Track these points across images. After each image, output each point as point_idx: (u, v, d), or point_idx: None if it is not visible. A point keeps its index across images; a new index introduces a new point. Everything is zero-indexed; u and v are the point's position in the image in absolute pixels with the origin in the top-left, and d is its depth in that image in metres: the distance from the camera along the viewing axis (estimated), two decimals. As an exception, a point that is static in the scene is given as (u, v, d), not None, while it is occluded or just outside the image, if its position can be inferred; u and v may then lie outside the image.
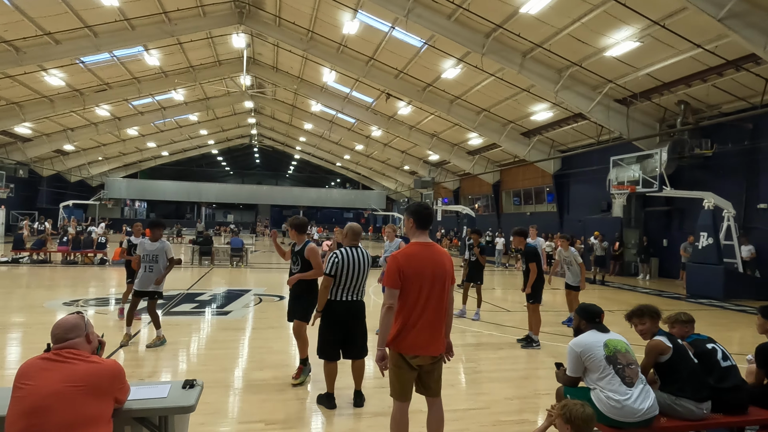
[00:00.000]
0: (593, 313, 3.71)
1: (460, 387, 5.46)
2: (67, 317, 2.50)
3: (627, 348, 3.47)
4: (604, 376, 3.34)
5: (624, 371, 3.32)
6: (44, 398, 2.16)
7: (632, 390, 3.26)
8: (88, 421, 2.20)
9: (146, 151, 41.82)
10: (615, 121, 17.12)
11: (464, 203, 34.45)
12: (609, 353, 3.39)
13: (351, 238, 4.85)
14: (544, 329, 8.43)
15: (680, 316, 4.03)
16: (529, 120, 21.71)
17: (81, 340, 2.43)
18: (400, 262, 3.27)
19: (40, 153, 31.61)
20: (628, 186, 16.86)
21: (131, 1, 16.86)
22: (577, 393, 3.50)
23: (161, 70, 23.69)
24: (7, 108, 23.44)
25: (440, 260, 3.38)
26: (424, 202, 3.74)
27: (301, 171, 57.84)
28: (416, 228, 3.43)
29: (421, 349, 3.26)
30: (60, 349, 2.36)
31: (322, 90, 26.45)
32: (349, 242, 4.83)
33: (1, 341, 6.90)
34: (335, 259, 4.62)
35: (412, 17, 15.15)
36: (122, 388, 2.46)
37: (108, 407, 2.34)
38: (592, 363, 3.41)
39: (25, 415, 2.15)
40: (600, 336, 3.52)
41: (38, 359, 2.34)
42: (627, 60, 14.71)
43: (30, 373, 2.26)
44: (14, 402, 2.21)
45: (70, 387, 2.21)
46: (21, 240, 18.70)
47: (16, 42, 17.42)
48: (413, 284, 3.25)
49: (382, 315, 3.27)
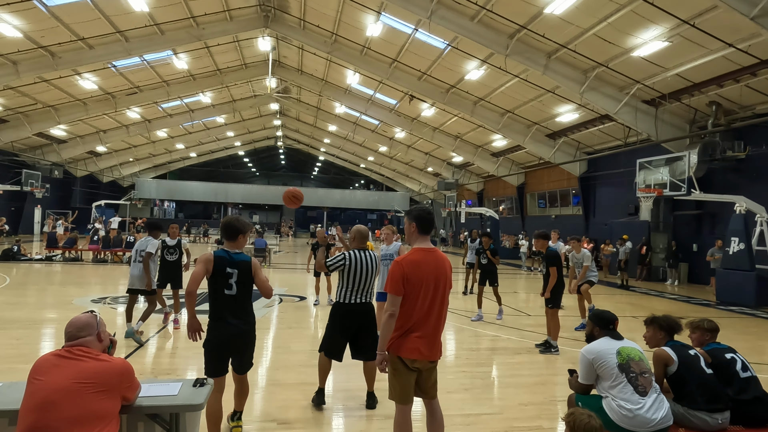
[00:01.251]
0: (607, 319, 3.65)
1: (474, 391, 5.43)
2: (80, 316, 2.59)
3: (641, 356, 3.40)
4: (616, 384, 3.28)
5: (637, 380, 3.26)
6: (52, 393, 2.25)
7: (645, 399, 3.19)
8: (94, 418, 2.28)
9: (175, 153, 42.82)
10: (643, 123, 16.74)
11: (488, 205, 34.16)
12: (622, 361, 3.33)
13: (358, 241, 4.88)
14: (564, 334, 8.31)
15: (703, 323, 3.93)
16: (554, 122, 21.41)
17: (92, 339, 2.52)
18: (405, 269, 3.27)
19: (74, 154, 32.71)
20: (655, 189, 16.45)
21: (161, 7, 17.30)
22: (588, 401, 3.45)
23: (189, 74, 24.23)
24: (44, 111, 24.32)
25: (442, 266, 3.40)
26: (426, 207, 3.74)
27: (325, 172, 58.26)
28: (419, 233, 3.43)
29: (421, 354, 3.27)
30: (71, 347, 2.46)
31: (346, 92, 26.62)
32: (356, 245, 4.86)
33: (33, 336, 7.18)
34: (341, 261, 4.68)
35: (435, 19, 15.13)
36: (130, 387, 2.53)
37: (115, 405, 2.42)
38: (604, 370, 3.35)
39: (34, 409, 2.24)
40: (613, 343, 3.46)
41: (51, 355, 2.44)
42: (655, 60, 14.37)
43: (42, 368, 2.36)
44: (27, 396, 2.31)
45: (78, 384, 2.30)
46: (54, 238, 19.36)
47: (52, 47, 18.06)
48: (416, 291, 3.26)
49: (384, 321, 3.29)
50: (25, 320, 7.89)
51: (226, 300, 3.72)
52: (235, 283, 3.72)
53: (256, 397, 4.99)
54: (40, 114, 24.56)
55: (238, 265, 3.77)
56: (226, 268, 3.71)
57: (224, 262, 3.74)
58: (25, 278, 13.31)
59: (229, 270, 3.71)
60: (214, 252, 3.79)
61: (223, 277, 3.71)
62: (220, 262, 3.73)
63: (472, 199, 36.98)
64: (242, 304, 3.79)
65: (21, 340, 6.86)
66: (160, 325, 8.01)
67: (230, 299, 3.72)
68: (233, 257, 3.79)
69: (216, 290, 3.73)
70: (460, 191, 36.13)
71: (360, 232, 4.90)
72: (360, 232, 4.91)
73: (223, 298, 3.71)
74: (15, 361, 5.83)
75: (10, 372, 5.47)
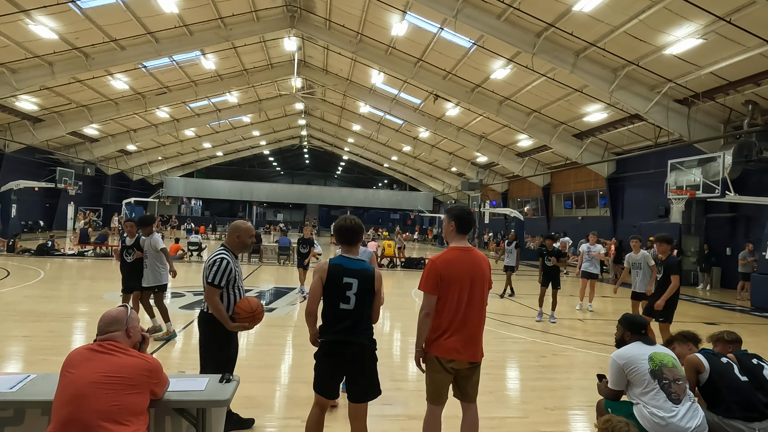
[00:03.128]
0: (639, 324, 3.56)
1: (498, 394, 5.36)
2: (111, 311, 2.64)
3: (674, 363, 3.30)
4: (648, 390, 3.19)
5: (670, 387, 3.16)
6: (84, 386, 2.30)
7: (679, 407, 3.09)
8: (125, 412, 2.32)
9: (202, 152, 43.60)
10: (674, 123, 16.28)
11: (513, 206, 33.76)
12: (654, 367, 3.23)
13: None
14: (593, 338, 8.16)
15: (723, 335, 3.86)
16: (582, 121, 21.01)
17: (120, 334, 2.57)
18: (438, 267, 3.24)
19: (106, 153, 33.59)
20: (687, 191, 15.99)
21: (190, 8, 17.61)
22: (619, 407, 3.36)
23: (217, 74, 24.61)
24: (77, 110, 25.05)
25: (479, 265, 3.34)
26: (466, 206, 3.68)
27: (349, 172, 58.49)
28: (456, 232, 3.40)
29: (458, 354, 3.23)
30: (102, 341, 2.51)
31: (370, 91, 26.66)
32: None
33: (65, 329, 7.39)
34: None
35: (461, 18, 15.01)
36: (158, 383, 2.57)
37: (144, 400, 2.46)
38: (635, 376, 3.26)
39: (67, 402, 2.29)
40: (645, 348, 3.37)
41: (83, 349, 2.49)
42: (688, 58, 13.96)
43: (75, 361, 2.42)
44: (60, 389, 2.37)
45: (107, 377, 2.34)
46: (86, 234, 19.92)
47: (86, 48, 18.57)
48: (452, 290, 3.22)
49: (420, 321, 3.26)
50: (58, 313, 8.12)
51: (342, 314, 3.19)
52: (354, 295, 3.19)
53: (279, 393, 5.02)
54: (74, 113, 25.29)
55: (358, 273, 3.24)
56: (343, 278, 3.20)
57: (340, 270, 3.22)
58: (58, 273, 13.73)
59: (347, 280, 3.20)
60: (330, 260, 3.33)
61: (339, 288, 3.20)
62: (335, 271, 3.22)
63: (496, 199, 36.62)
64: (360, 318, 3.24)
65: (54, 332, 7.07)
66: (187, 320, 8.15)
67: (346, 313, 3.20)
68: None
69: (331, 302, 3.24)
70: (484, 191, 35.81)
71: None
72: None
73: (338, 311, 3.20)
74: (49, 353, 6.01)
75: (44, 363, 5.64)
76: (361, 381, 3.23)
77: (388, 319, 9.51)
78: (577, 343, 7.82)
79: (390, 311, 10.21)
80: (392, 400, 4.95)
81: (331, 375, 3.24)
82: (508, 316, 9.89)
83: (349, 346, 3.16)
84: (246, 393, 4.66)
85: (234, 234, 3.90)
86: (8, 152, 25.25)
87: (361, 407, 3.25)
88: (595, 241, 11.42)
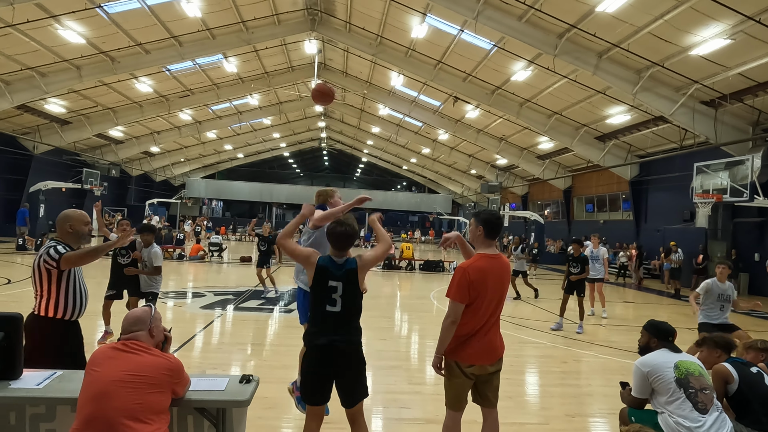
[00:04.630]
0: (666, 331, 3.47)
1: (518, 399, 5.29)
2: (135, 310, 2.69)
3: (701, 371, 3.20)
4: (673, 399, 3.10)
5: (696, 396, 3.07)
6: (108, 385, 2.34)
7: (705, 417, 3.00)
8: (147, 410, 2.36)
9: (223, 153, 44.22)
10: (701, 125, 15.91)
11: (533, 209, 33.40)
12: (680, 375, 3.15)
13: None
14: (615, 344, 8.01)
15: (757, 343, 3.77)
16: (604, 123, 20.69)
17: (143, 333, 2.61)
18: (471, 277, 3.16)
19: (130, 154, 34.33)
20: (714, 195, 15.62)
21: (213, 12, 17.88)
22: (643, 416, 3.29)
23: (238, 76, 24.93)
24: (103, 113, 25.63)
25: (503, 273, 3.32)
26: (495, 211, 3.61)
27: (368, 174, 58.61)
28: (485, 237, 3.32)
29: (478, 359, 3.21)
30: (126, 340, 2.55)
31: (390, 94, 26.69)
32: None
33: (90, 327, 7.52)
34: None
35: (482, 19, 14.92)
36: (179, 382, 2.60)
37: (165, 398, 2.49)
38: (660, 385, 3.18)
39: (92, 399, 2.34)
40: (671, 356, 3.28)
41: (107, 347, 2.54)
42: (715, 59, 13.63)
43: (99, 360, 2.46)
44: (84, 386, 2.41)
45: (130, 376, 2.38)
46: (111, 234, 20.29)
47: (112, 52, 19.00)
48: (480, 298, 3.19)
49: (444, 328, 3.20)
50: (83, 311, 8.28)
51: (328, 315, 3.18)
52: (340, 297, 3.16)
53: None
54: (100, 116, 25.89)
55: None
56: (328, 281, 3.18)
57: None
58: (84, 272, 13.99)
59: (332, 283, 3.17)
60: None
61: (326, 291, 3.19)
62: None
63: (516, 202, 36.29)
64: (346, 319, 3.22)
65: (79, 330, 7.20)
66: (207, 321, 8.24)
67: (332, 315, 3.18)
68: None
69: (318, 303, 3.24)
70: (503, 194, 35.52)
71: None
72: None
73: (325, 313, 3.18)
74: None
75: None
76: (351, 383, 3.17)
77: (406, 322, 9.49)
78: (599, 349, 7.69)
79: (408, 314, 10.18)
80: (410, 404, 4.92)
81: (320, 378, 3.14)
82: (527, 319, 9.77)
83: (336, 348, 3.09)
84: (264, 393, 4.69)
85: (66, 224, 3.44)
86: (37, 154, 25.96)
87: (357, 411, 3.22)
88: (599, 244, 10.82)
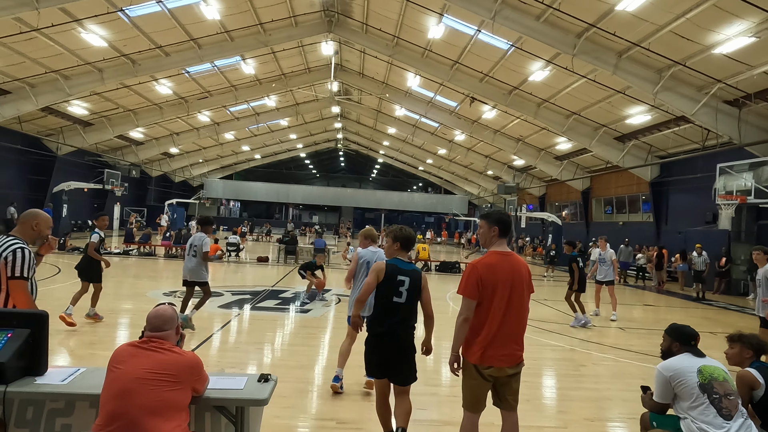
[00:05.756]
0: (689, 335, 3.40)
1: (536, 402, 5.24)
2: (165, 309, 2.72)
3: (725, 376, 3.13)
4: (696, 405, 3.04)
5: (721, 402, 3.00)
6: (130, 382, 2.38)
7: (730, 423, 2.93)
8: (168, 407, 2.39)
9: (241, 154, 44.67)
10: (724, 125, 15.57)
11: (550, 210, 33.05)
12: (703, 380, 3.08)
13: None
14: (633, 348, 7.88)
15: None
16: (624, 124, 20.39)
17: (172, 332, 2.66)
18: (480, 272, 3.20)
19: (150, 155, 34.90)
20: (737, 196, 15.28)
21: (231, 15, 18.08)
22: (665, 421, 3.23)
23: (256, 78, 25.16)
24: (124, 114, 26.10)
25: (519, 270, 3.29)
26: (504, 211, 3.66)
27: (384, 174, 58.68)
28: (498, 236, 3.37)
29: (496, 361, 3.18)
30: (151, 338, 2.59)
31: (406, 94, 26.67)
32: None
33: (112, 324, 7.68)
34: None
35: (499, 19, 14.82)
36: (199, 379, 2.63)
37: (186, 396, 2.52)
38: (683, 390, 3.11)
39: (114, 397, 2.38)
40: (694, 360, 3.21)
41: (129, 345, 2.58)
42: (740, 57, 13.33)
43: (121, 357, 2.50)
44: (107, 384, 2.45)
45: (153, 374, 2.42)
46: (131, 234, 20.67)
47: (133, 55, 19.33)
48: (492, 295, 3.18)
49: (458, 326, 3.21)
50: (104, 309, 8.42)
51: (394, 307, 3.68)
52: (406, 291, 3.67)
53: (314, 395, 5.06)
54: (121, 117, 26.36)
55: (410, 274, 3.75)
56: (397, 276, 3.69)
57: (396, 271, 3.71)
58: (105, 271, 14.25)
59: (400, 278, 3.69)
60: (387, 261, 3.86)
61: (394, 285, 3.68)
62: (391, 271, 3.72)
63: (533, 203, 35.96)
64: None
65: (102, 327, 7.35)
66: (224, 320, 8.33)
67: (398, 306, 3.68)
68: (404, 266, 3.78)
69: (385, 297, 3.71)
70: (520, 195, 35.20)
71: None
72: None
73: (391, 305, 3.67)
74: (96, 348, 6.26)
75: (92, 358, 5.87)
76: (405, 368, 3.71)
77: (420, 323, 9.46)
78: (618, 353, 7.58)
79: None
80: (426, 405, 4.91)
81: (380, 359, 3.67)
82: (545, 322, 9.67)
83: (397, 336, 3.66)
84: (281, 393, 4.72)
85: (32, 222, 3.30)
86: (60, 155, 26.52)
87: (406, 389, 3.77)
88: (606, 246, 10.86)
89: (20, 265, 3.06)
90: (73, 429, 2.81)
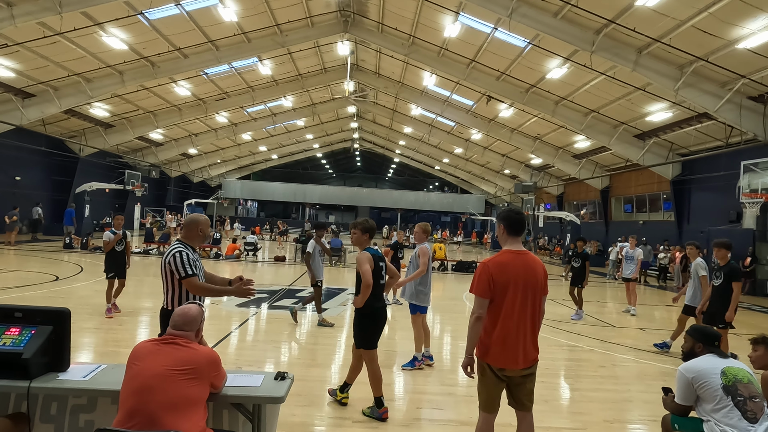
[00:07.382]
0: (711, 336, 3.33)
1: (554, 404, 5.18)
2: (191, 309, 2.75)
3: (750, 378, 3.06)
4: (720, 407, 2.97)
5: (746, 404, 2.93)
6: (150, 379, 2.42)
7: (755, 427, 2.86)
8: (186, 403, 2.42)
9: (258, 155, 45.06)
10: (748, 121, 15.21)
11: (569, 209, 32.67)
12: (727, 382, 3.01)
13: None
14: (654, 349, 7.75)
15: None
16: (644, 121, 20.05)
17: (191, 334, 2.70)
18: (491, 270, 3.14)
19: (169, 156, 35.42)
20: (762, 194, 14.91)
21: (248, 16, 18.25)
22: (687, 424, 3.17)
23: (273, 79, 25.36)
24: (144, 116, 26.54)
25: (533, 269, 3.21)
26: (514, 207, 3.58)
27: (400, 174, 58.63)
28: (507, 234, 3.29)
29: (510, 362, 3.13)
30: (171, 335, 2.62)
31: (422, 94, 26.61)
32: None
33: (132, 322, 7.81)
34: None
35: (516, 17, 14.70)
36: (218, 375, 2.66)
37: (204, 392, 2.55)
38: (706, 392, 3.05)
39: (134, 393, 2.42)
40: (717, 362, 3.14)
41: (148, 342, 2.62)
42: (764, 52, 13.01)
43: (140, 354, 2.54)
44: (126, 380, 2.49)
45: (172, 370, 2.45)
46: (151, 233, 21.00)
47: (152, 57, 19.64)
48: (504, 294, 3.12)
49: (471, 324, 3.17)
50: (125, 307, 8.59)
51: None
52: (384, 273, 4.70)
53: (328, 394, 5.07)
54: (141, 119, 26.81)
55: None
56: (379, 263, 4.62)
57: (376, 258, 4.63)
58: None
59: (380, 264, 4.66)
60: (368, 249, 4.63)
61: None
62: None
63: (551, 202, 35.58)
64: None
65: (122, 325, 7.48)
66: (242, 318, 8.40)
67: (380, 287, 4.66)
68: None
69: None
70: (538, 194, 34.87)
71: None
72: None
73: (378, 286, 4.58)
74: (118, 345, 6.37)
75: (113, 354, 5.98)
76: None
77: (438, 323, 9.43)
78: (638, 354, 7.45)
79: (440, 315, 10.12)
80: (443, 405, 4.89)
81: (379, 330, 4.60)
82: (562, 322, 9.56)
83: (384, 309, 4.71)
84: (297, 391, 4.75)
85: (195, 228, 3.69)
86: (83, 156, 27.07)
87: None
88: (635, 245, 11.66)
89: (181, 266, 3.42)
90: (96, 425, 2.86)
